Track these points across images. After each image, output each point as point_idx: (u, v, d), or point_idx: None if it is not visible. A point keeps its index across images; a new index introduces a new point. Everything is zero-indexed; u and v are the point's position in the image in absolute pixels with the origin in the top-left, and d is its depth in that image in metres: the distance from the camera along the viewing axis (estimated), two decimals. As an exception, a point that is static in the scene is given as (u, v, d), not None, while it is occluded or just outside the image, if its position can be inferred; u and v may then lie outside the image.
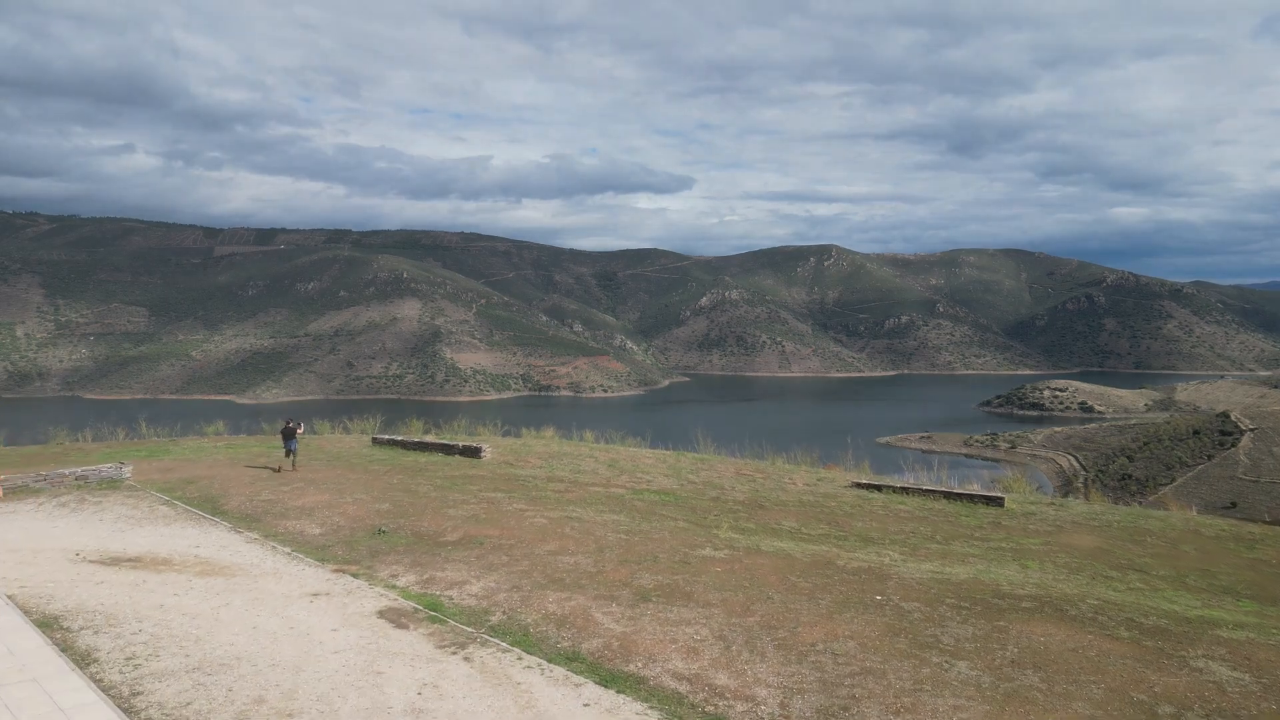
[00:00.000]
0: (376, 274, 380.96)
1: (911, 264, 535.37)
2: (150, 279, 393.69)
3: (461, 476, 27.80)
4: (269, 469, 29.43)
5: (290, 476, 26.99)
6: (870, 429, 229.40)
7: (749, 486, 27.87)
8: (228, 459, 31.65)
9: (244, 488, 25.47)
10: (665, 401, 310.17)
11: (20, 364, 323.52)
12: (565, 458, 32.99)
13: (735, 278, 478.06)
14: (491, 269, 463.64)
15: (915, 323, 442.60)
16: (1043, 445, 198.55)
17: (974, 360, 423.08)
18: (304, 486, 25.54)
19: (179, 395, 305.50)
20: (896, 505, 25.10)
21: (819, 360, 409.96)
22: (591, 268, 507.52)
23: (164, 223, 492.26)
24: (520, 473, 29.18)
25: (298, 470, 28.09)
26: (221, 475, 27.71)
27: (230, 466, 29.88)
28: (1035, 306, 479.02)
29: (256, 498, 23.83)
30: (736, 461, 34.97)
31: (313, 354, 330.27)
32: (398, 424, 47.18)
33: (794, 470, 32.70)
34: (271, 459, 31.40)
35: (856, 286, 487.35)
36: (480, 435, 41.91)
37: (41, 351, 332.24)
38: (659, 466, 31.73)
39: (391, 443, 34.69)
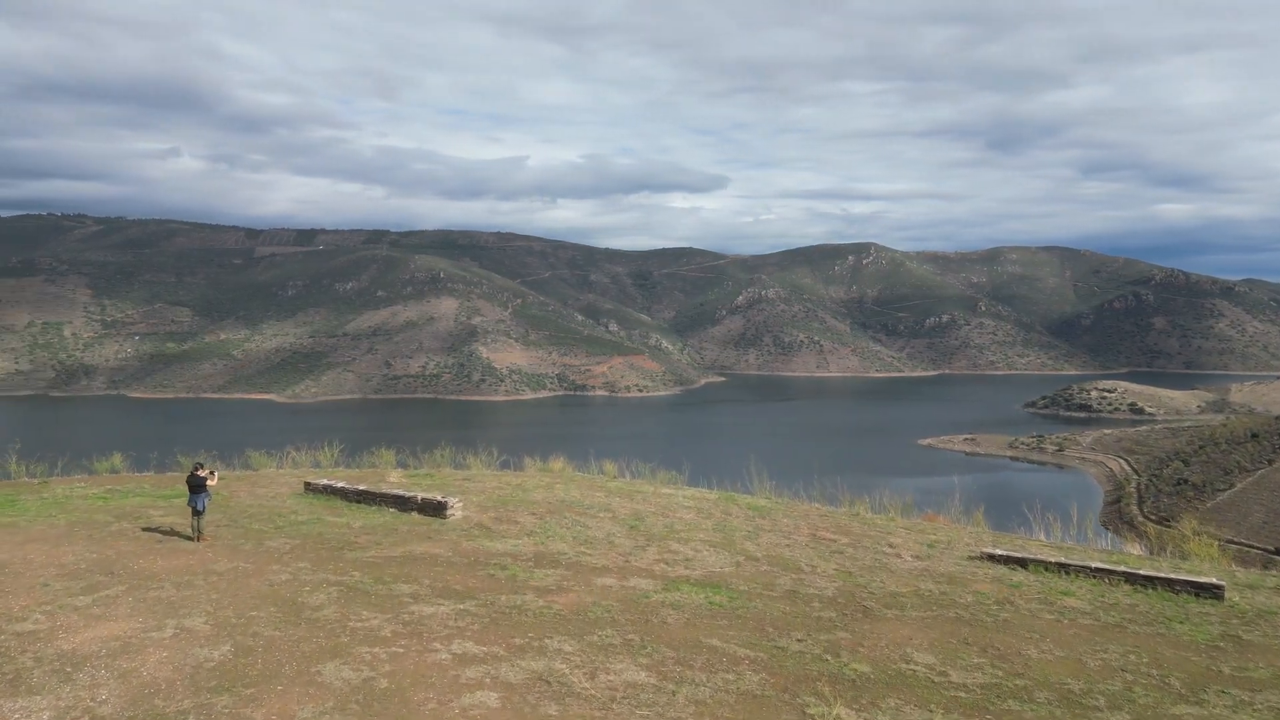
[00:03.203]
0: (414, 274, 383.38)
1: (952, 261, 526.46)
2: (194, 279, 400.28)
3: (401, 559, 19.22)
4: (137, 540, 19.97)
5: (108, 572, 17.01)
6: (911, 430, 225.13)
7: (836, 565, 20.71)
8: (83, 521, 21.63)
9: (21, 597, 15.57)
10: (702, 401, 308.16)
11: (68, 363, 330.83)
12: (570, 512, 25.40)
13: (772, 276, 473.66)
14: (527, 269, 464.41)
15: (956, 321, 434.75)
16: (1091, 448, 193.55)
17: (1017, 360, 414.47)
18: (119, 596, 15.78)
19: (221, 394, 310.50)
20: (1060, 598, 18.41)
21: (857, 359, 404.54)
22: (627, 267, 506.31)
23: (207, 224, 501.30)
24: (496, 546, 20.74)
25: (205, 539, 19.99)
26: (21, 563, 17.64)
27: (63, 540, 19.56)
28: (1080, 305, 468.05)
29: (17, 624, 14.26)
30: (805, 508, 27.88)
31: (351, 353, 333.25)
32: (407, 434, 39.13)
33: (888, 525, 25.81)
34: (157, 518, 22.41)
35: (896, 284, 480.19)
36: (469, 469, 33.67)
37: (88, 350, 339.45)
38: (702, 525, 24.47)
39: (329, 491, 25.97)
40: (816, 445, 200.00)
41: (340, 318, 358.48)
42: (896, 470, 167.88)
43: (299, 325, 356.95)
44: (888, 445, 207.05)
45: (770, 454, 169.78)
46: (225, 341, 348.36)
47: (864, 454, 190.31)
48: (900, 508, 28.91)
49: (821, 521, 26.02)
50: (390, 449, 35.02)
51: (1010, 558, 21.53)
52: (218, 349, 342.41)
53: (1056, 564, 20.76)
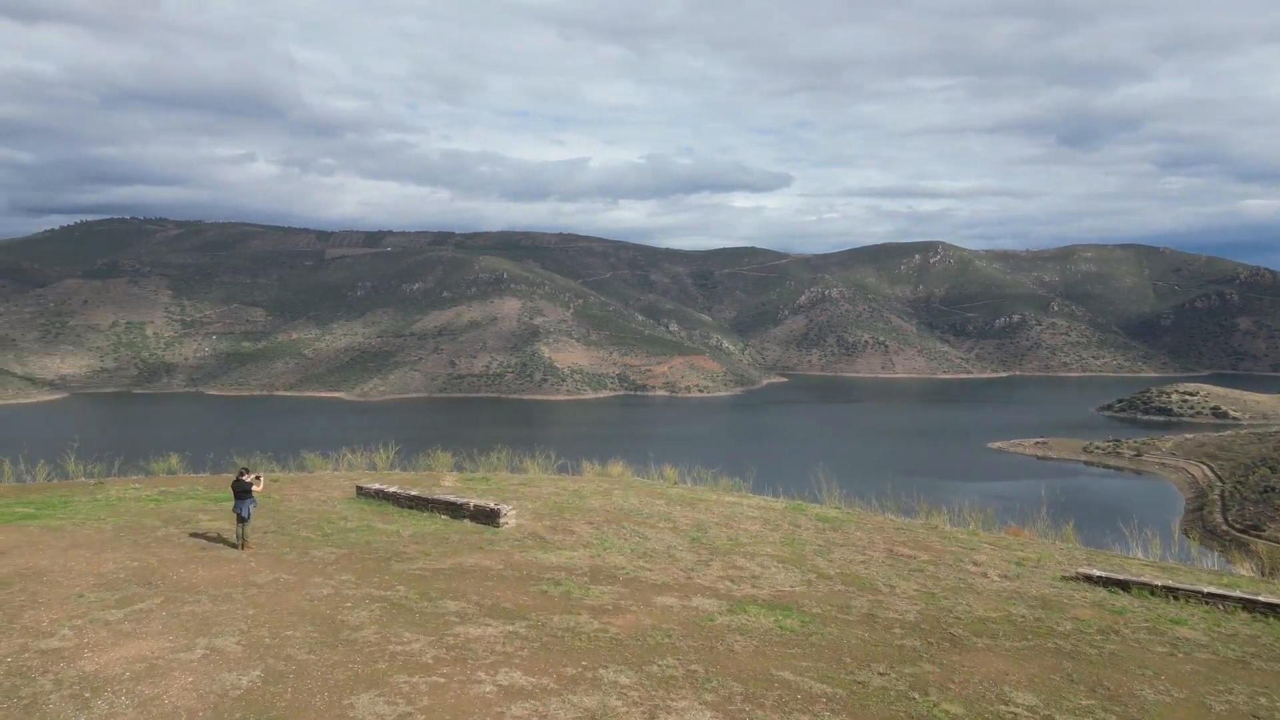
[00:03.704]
0: (478, 274, 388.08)
1: (1023, 260, 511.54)
2: (267, 280, 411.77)
3: (450, 571, 18.10)
4: (181, 546, 19.24)
5: (164, 578, 16.71)
6: (981, 433, 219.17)
7: (916, 584, 19.12)
8: (130, 525, 21.11)
9: (54, 609, 14.85)
10: (763, 402, 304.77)
11: (150, 361, 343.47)
12: (629, 522, 23.91)
13: (835, 275, 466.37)
14: (589, 269, 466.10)
15: (1028, 321, 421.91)
16: (1171, 453, 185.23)
17: (1091, 361, 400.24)
18: (153, 611, 14.93)
19: (293, 392, 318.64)
20: (1171, 628, 16.58)
21: (924, 360, 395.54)
22: (687, 267, 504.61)
23: (280, 227, 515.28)
24: (550, 559, 19.56)
25: (249, 547, 19.19)
26: (60, 571, 16.92)
27: (106, 546, 18.99)
28: (1159, 304, 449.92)
29: (43, 640, 13.49)
30: (878, 520, 26.15)
31: (417, 352, 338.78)
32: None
33: (970, 540, 23.84)
34: (205, 523, 21.68)
35: (964, 284, 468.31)
36: (525, 472, 32.71)
37: (169, 349, 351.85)
38: (769, 538, 22.89)
39: (381, 495, 25.25)
40: (883, 448, 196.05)
41: (407, 318, 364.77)
42: (966, 474, 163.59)
43: (367, 325, 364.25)
44: (956, 448, 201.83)
45: (835, 457, 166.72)
46: (297, 341, 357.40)
47: (932, 457, 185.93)
48: (981, 520, 27.12)
49: (897, 535, 24.42)
50: (447, 451, 34.37)
51: (1110, 579, 19.60)
52: (290, 348, 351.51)
53: (1163, 587, 18.81)
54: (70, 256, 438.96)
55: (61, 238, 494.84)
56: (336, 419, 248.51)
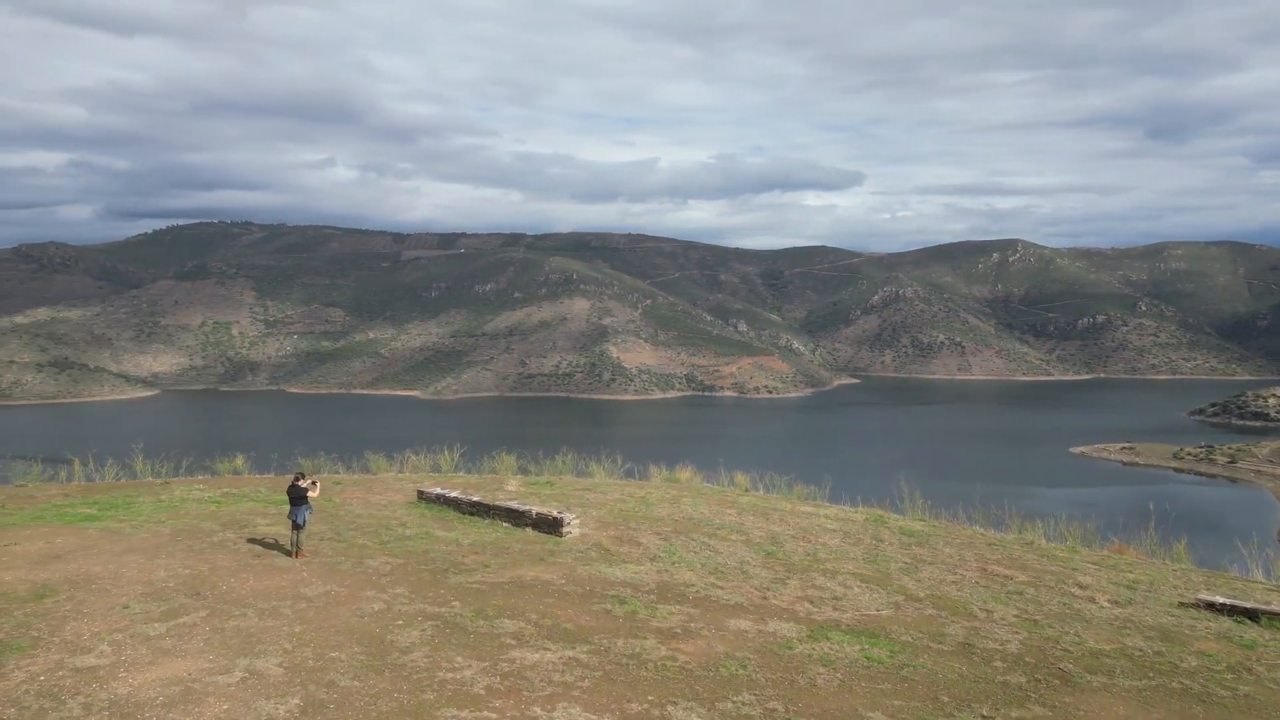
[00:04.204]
0: (548, 275, 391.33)
1: (1107, 258, 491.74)
2: (346, 281, 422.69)
3: (509, 586, 17.08)
4: (235, 553, 18.60)
5: (208, 588, 16.12)
6: (1063, 437, 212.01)
7: (1017, 610, 17.25)
8: (187, 530, 20.69)
9: (98, 620, 14.20)
10: (834, 404, 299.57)
11: (235, 359, 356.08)
12: (699, 532, 22.49)
13: (909, 274, 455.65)
14: (657, 269, 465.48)
15: (1113, 322, 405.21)
16: (1269, 460, 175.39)
17: (1181, 363, 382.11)
18: (196, 625, 14.27)
19: (369, 390, 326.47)
20: None
21: (1002, 362, 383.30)
22: (757, 266, 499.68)
23: (358, 229, 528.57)
24: (615, 573, 18.29)
25: (303, 555, 18.45)
26: (111, 578, 16.45)
27: (161, 551, 18.64)
28: (1256, 304, 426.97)
29: (80, 657, 12.86)
30: (968, 533, 24.27)
31: (489, 352, 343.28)
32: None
33: (1070, 559, 21.76)
34: (262, 527, 21.12)
35: (1045, 283, 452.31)
36: (591, 476, 31.56)
37: (253, 348, 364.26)
38: (850, 553, 21.29)
39: (443, 501, 24.51)
40: (961, 452, 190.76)
41: (479, 318, 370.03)
42: (1048, 480, 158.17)
43: (441, 325, 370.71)
44: (1037, 453, 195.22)
45: (912, 462, 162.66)
46: (374, 340, 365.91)
47: (1012, 462, 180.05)
48: (1081, 535, 25.09)
49: (990, 552, 22.60)
50: (512, 453, 33.66)
51: (1235, 607, 17.69)
52: (367, 347, 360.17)
53: None
54: (162, 259, 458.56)
55: (154, 241, 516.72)
56: (409, 417, 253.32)
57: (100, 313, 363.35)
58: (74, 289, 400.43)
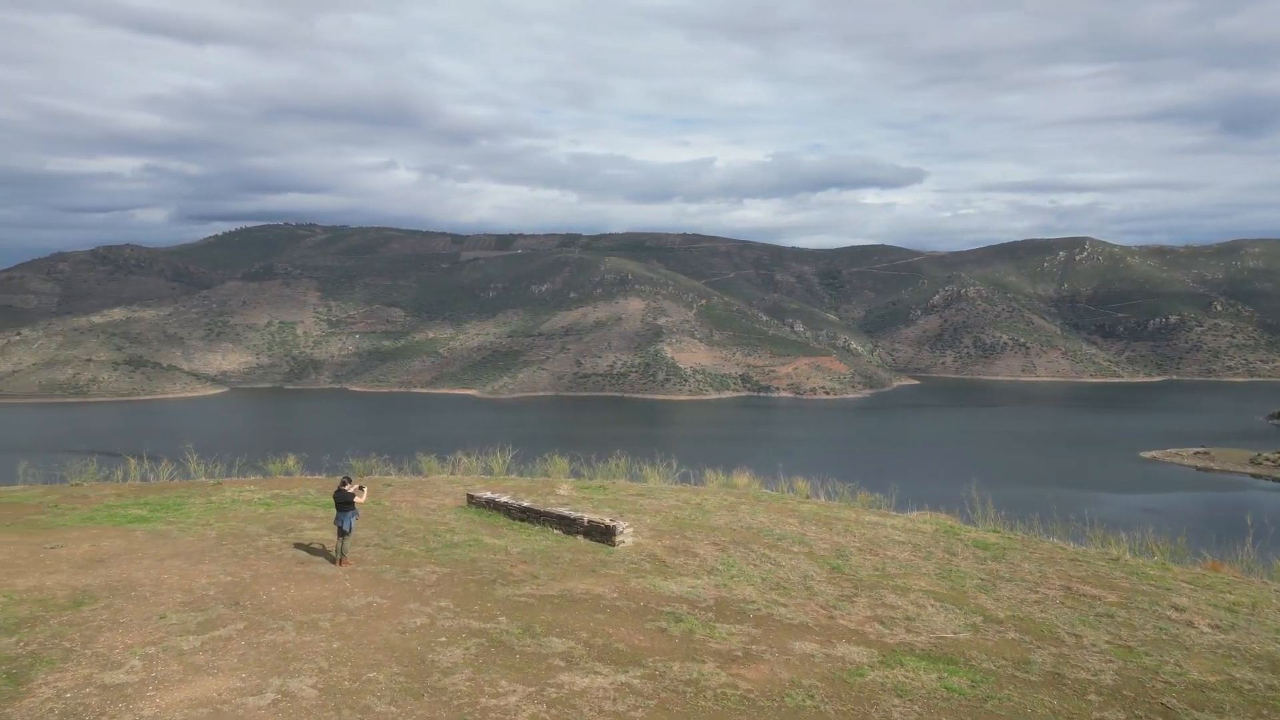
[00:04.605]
0: (604, 275, 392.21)
1: (1180, 256, 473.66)
2: (406, 282, 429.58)
3: (558, 600, 16.27)
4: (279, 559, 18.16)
5: (246, 598, 15.66)
6: (1133, 441, 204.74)
7: (1108, 634, 15.80)
8: (233, 533, 20.36)
9: (132, 632, 13.81)
10: (894, 405, 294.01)
11: (300, 358, 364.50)
12: (759, 543, 21.30)
13: (971, 273, 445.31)
14: (712, 269, 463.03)
15: (1186, 322, 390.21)
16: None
17: (1260, 365, 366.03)
18: (232, 639, 13.71)
19: (428, 389, 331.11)
20: None
21: (1069, 363, 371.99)
22: (814, 266, 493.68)
23: (418, 231, 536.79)
24: (670, 587, 17.37)
25: (347, 563, 18.00)
26: (151, 585, 16.20)
27: (205, 556, 18.32)
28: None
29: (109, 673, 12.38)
30: (1046, 547, 22.72)
31: (545, 351, 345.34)
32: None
33: (1162, 577, 20.05)
34: (308, 532, 20.62)
35: (1113, 282, 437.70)
36: (645, 480, 30.60)
37: (317, 347, 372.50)
38: (921, 568, 19.92)
39: (493, 505, 23.87)
40: (1027, 456, 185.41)
41: (536, 318, 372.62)
42: (1118, 486, 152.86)
43: (498, 325, 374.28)
44: (1106, 458, 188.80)
45: (978, 466, 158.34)
46: (433, 340, 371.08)
47: (1081, 466, 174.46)
48: (1170, 550, 23.26)
49: (1073, 568, 21.03)
50: (565, 455, 32.97)
51: None
52: (426, 346, 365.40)
53: None
54: (231, 260, 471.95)
55: (223, 243, 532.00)
56: (465, 416, 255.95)
57: (173, 313, 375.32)
58: (148, 289, 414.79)
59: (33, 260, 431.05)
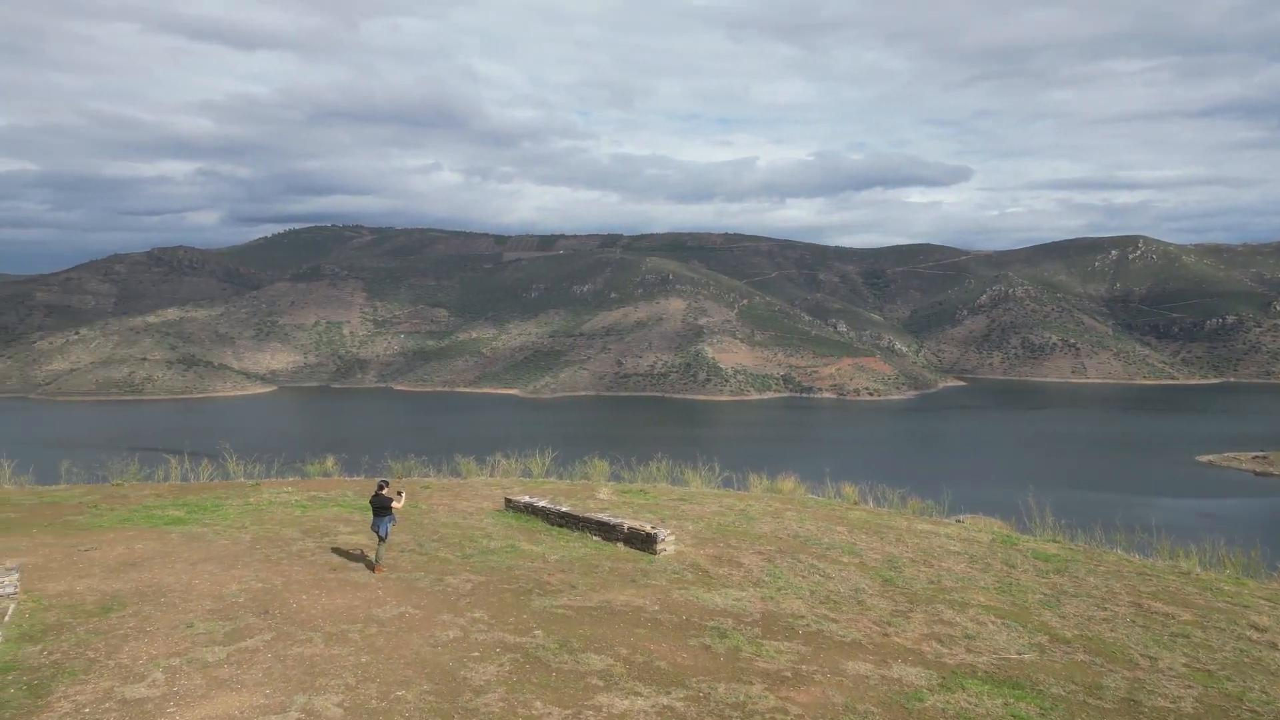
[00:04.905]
0: (644, 275, 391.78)
1: (1238, 255, 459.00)
2: (450, 282, 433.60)
3: (596, 612, 15.43)
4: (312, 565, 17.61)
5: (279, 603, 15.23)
6: (1188, 445, 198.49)
7: (1184, 657, 14.71)
8: (267, 537, 19.92)
9: (158, 641, 13.32)
10: (940, 407, 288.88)
11: (346, 358, 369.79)
12: (806, 553, 20.35)
13: (1019, 273, 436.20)
14: (754, 269, 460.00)
15: (1244, 322, 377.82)
16: None
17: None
18: (258, 651, 13.09)
19: (471, 389, 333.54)
20: None
21: (1120, 364, 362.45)
22: (858, 265, 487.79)
23: (462, 232, 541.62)
24: (714, 600, 16.49)
25: (380, 569, 17.43)
26: (182, 591, 15.78)
27: (237, 560, 17.84)
28: None
29: (130, 686, 11.84)
30: (1111, 559, 21.23)
31: (586, 351, 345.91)
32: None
33: (1237, 594, 18.76)
34: (343, 536, 20.13)
35: (1167, 281, 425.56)
36: (687, 484, 29.67)
37: (363, 347, 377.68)
38: (979, 581, 18.73)
39: (530, 510, 23.19)
40: (1078, 459, 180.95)
41: (577, 318, 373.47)
42: (1172, 490, 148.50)
43: (540, 325, 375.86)
44: (1160, 461, 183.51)
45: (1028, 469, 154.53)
46: (476, 340, 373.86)
47: (1134, 470, 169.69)
48: (1243, 564, 21.89)
49: (1142, 583, 19.84)
50: (605, 457, 32.37)
51: None
52: (469, 346, 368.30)
53: None
54: (279, 261, 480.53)
55: (272, 244, 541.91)
56: (507, 415, 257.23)
57: (223, 313, 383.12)
58: (200, 290, 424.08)
59: (90, 262, 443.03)
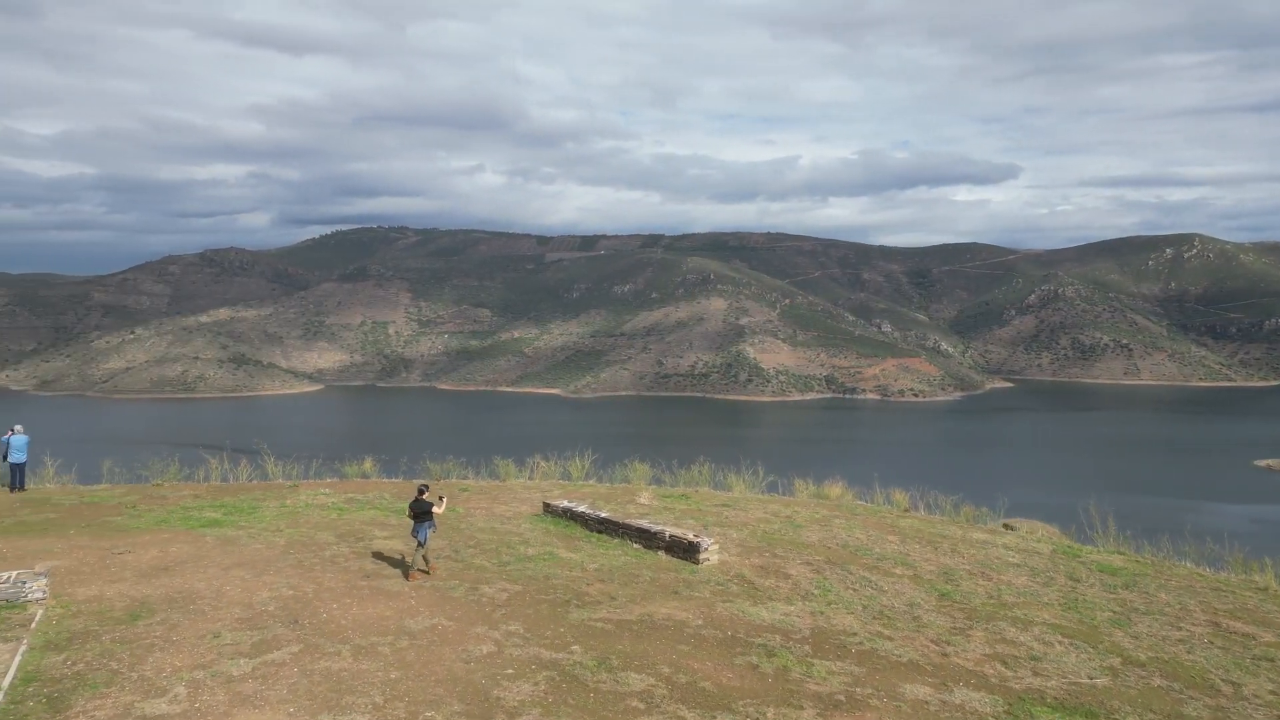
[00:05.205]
0: (685, 275, 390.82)
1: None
2: (493, 283, 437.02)
3: (637, 626, 14.65)
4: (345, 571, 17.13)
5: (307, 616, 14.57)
6: (1246, 449, 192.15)
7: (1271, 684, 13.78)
8: (301, 541, 19.48)
9: (184, 652, 12.85)
10: (987, 408, 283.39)
11: (391, 357, 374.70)
12: (857, 564, 19.49)
13: (1069, 272, 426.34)
14: (796, 268, 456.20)
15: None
16: None
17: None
18: (284, 665, 12.55)
19: (513, 388, 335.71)
20: None
21: (1175, 365, 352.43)
22: (902, 265, 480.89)
23: (505, 233, 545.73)
24: (761, 614, 15.60)
25: (415, 576, 17.02)
26: (212, 597, 15.30)
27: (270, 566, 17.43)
28: None
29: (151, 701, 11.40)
30: (1183, 573, 20.08)
31: (627, 351, 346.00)
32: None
33: None
34: (378, 541, 19.73)
35: (1225, 280, 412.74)
36: (730, 489, 28.72)
37: (408, 346, 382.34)
38: (1042, 596, 17.71)
39: (569, 515, 22.65)
40: (1132, 462, 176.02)
41: (618, 318, 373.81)
42: (1228, 496, 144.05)
43: (581, 325, 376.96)
44: (1216, 465, 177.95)
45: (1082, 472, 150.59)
46: (518, 339, 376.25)
47: (1188, 475, 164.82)
48: None
49: (1217, 600, 18.57)
50: (646, 459, 31.65)
51: None
52: (512, 346, 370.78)
53: None
54: (327, 262, 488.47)
55: (320, 246, 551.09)
56: (548, 415, 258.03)
57: (272, 313, 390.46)
58: (250, 290, 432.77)
59: (146, 263, 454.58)
